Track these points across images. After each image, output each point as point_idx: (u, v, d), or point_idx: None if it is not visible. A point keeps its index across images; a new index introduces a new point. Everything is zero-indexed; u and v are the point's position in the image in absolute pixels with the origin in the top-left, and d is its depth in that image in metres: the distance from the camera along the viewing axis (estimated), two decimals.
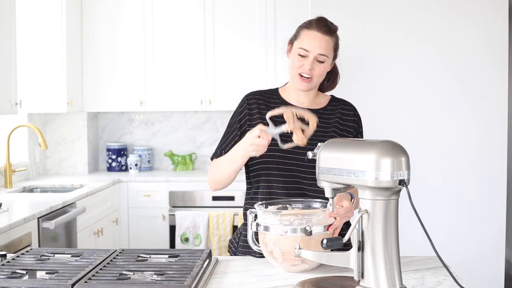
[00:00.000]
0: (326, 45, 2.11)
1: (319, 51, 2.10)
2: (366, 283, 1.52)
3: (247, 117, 2.19)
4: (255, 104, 2.20)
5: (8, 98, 3.72)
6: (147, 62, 5.11)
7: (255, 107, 2.20)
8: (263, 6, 5.02)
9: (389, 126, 3.59)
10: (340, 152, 1.59)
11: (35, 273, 1.73)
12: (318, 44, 2.10)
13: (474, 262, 3.58)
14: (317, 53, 2.10)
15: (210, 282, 1.72)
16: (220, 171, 2.15)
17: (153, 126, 5.54)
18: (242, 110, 2.21)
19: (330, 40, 2.13)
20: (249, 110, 2.20)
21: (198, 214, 4.75)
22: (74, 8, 4.93)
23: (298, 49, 2.12)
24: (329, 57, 2.13)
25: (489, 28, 3.55)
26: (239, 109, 2.23)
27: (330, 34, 2.13)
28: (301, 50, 2.11)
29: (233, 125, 2.22)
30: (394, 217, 1.53)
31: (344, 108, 2.23)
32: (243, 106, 2.22)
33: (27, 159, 4.78)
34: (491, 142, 3.59)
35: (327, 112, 2.20)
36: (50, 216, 3.44)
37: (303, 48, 2.11)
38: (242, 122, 2.19)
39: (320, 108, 2.21)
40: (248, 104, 2.21)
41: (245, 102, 2.22)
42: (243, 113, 2.20)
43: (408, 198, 1.47)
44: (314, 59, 2.10)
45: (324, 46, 2.11)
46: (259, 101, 2.21)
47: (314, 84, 2.15)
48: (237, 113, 2.23)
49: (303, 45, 2.11)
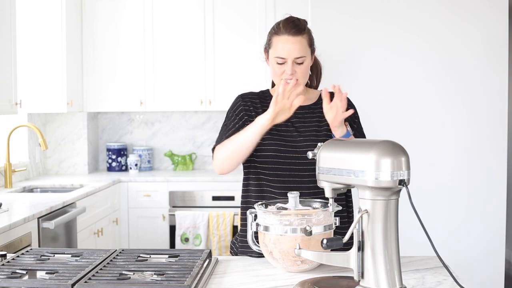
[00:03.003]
0: (300, 47, 2.08)
1: (295, 55, 2.08)
2: (366, 283, 1.52)
3: (246, 113, 2.18)
4: (251, 104, 2.20)
5: (8, 98, 3.72)
6: (147, 62, 5.11)
7: (251, 106, 2.19)
8: (263, 6, 5.02)
9: (389, 126, 3.59)
10: (340, 152, 1.59)
11: (35, 273, 1.73)
12: (292, 48, 2.07)
13: (474, 262, 3.58)
14: (294, 57, 2.08)
15: (210, 282, 1.72)
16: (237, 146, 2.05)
17: (153, 126, 5.54)
18: (238, 107, 2.20)
19: (303, 39, 2.10)
20: (246, 107, 2.19)
21: (198, 214, 4.75)
22: (74, 8, 4.93)
23: (274, 58, 2.10)
24: (307, 55, 2.11)
25: (489, 28, 3.55)
26: (234, 107, 2.21)
27: (300, 33, 2.10)
28: (278, 59, 2.09)
29: (231, 119, 2.19)
30: (394, 217, 1.53)
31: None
32: (238, 104, 2.21)
33: (27, 159, 4.78)
34: (491, 142, 3.59)
35: (318, 107, 2.18)
36: (50, 216, 3.44)
37: (279, 56, 2.09)
38: (241, 116, 2.18)
39: (311, 103, 2.21)
40: (244, 102, 2.20)
41: (239, 101, 2.21)
42: (240, 109, 2.19)
43: (408, 198, 1.47)
44: (293, 63, 2.08)
45: (298, 48, 2.08)
46: (254, 101, 2.21)
47: (301, 85, 2.12)
48: (233, 110, 2.21)
49: (277, 53, 2.09)
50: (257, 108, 2.18)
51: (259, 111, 2.16)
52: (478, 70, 3.57)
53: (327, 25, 3.59)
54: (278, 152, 2.11)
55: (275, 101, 1.96)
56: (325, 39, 3.53)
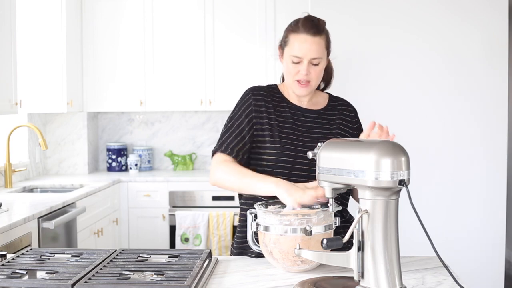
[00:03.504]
0: (318, 47, 2.03)
1: (312, 56, 2.03)
2: (366, 283, 1.52)
3: (256, 114, 2.09)
4: (263, 102, 2.11)
5: (8, 98, 3.72)
6: (147, 62, 5.11)
7: (263, 105, 2.11)
8: (263, 6, 5.02)
9: (389, 126, 3.58)
10: (340, 152, 1.59)
11: (35, 273, 1.73)
12: (309, 48, 2.02)
13: (474, 262, 3.58)
14: (310, 57, 2.03)
15: (210, 282, 1.72)
16: (238, 186, 2.02)
17: (153, 126, 5.54)
18: (249, 105, 2.10)
19: (321, 39, 2.05)
20: (257, 107, 2.10)
21: (198, 214, 4.75)
22: (74, 8, 4.93)
23: (290, 57, 2.05)
24: (323, 57, 2.07)
25: (489, 28, 3.55)
26: (243, 104, 2.11)
27: (319, 33, 2.05)
28: (294, 57, 2.04)
29: (239, 120, 2.09)
30: (394, 217, 1.53)
31: (345, 110, 2.18)
32: (249, 101, 2.11)
33: (27, 159, 4.78)
34: (491, 142, 3.59)
35: (329, 113, 2.16)
36: (50, 216, 3.44)
37: (295, 55, 2.03)
38: (250, 119, 2.09)
39: (321, 108, 2.17)
40: (254, 100, 2.11)
41: (250, 98, 2.11)
42: (250, 109, 2.10)
43: (408, 198, 1.47)
44: (308, 63, 2.03)
45: (315, 49, 2.03)
46: (267, 99, 2.12)
47: (313, 87, 2.10)
48: (242, 107, 2.11)
49: (294, 52, 2.03)
50: (269, 108, 2.10)
51: (271, 110, 2.09)
52: (478, 70, 3.57)
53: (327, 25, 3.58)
54: (287, 157, 2.05)
55: (297, 198, 1.82)
56: None
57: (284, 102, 2.14)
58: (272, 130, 2.09)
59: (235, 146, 2.08)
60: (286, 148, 2.06)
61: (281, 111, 2.12)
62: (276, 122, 2.10)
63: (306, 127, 2.12)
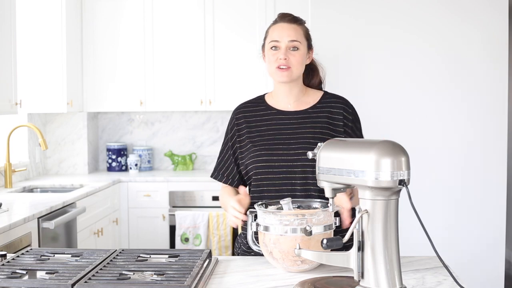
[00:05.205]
0: (295, 32, 2.11)
1: (289, 38, 2.09)
2: (366, 283, 1.52)
3: (236, 133, 2.20)
4: (243, 119, 2.20)
5: (8, 98, 3.72)
6: (147, 62, 5.11)
7: (243, 122, 2.20)
8: (263, 6, 5.02)
9: (389, 125, 3.59)
10: (340, 152, 1.59)
11: (35, 273, 1.73)
12: (286, 33, 2.10)
13: (474, 262, 3.58)
14: (288, 40, 2.09)
15: (210, 282, 1.72)
16: (223, 205, 2.24)
17: (153, 126, 5.54)
18: (232, 127, 2.23)
19: (298, 27, 2.13)
20: (238, 126, 2.20)
21: (198, 214, 4.75)
22: (74, 8, 4.93)
23: (269, 44, 2.12)
24: (302, 43, 2.11)
25: (489, 28, 3.55)
26: (229, 127, 2.25)
27: (296, 22, 2.13)
28: (272, 42, 2.10)
29: (226, 144, 2.23)
30: (394, 217, 1.53)
31: (333, 107, 2.16)
32: (232, 123, 2.23)
33: (27, 159, 4.78)
34: (491, 142, 3.59)
35: (316, 111, 2.15)
36: (50, 216, 3.44)
37: (272, 40, 2.11)
38: (233, 141, 2.21)
39: (308, 107, 2.17)
40: (236, 119, 2.22)
41: (233, 119, 2.23)
42: (233, 131, 2.22)
43: (408, 198, 1.47)
44: (286, 48, 2.09)
45: (293, 33, 2.10)
46: (246, 114, 2.21)
47: (294, 74, 2.11)
48: (228, 131, 2.25)
49: (272, 37, 2.11)
50: (249, 122, 2.18)
51: (252, 123, 2.17)
52: (478, 70, 3.57)
53: (327, 25, 3.59)
54: (269, 162, 2.09)
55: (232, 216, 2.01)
56: (325, 39, 3.53)
57: (267, 109, 2.19)
58: (253, 138, 2.15)
59: (225, 171, 2.23)
60: (267, 154, 2.10)
61: (264, 120, 2.18)
62: (256, 130, 2.16)
63: (289, 129, 2.14)
